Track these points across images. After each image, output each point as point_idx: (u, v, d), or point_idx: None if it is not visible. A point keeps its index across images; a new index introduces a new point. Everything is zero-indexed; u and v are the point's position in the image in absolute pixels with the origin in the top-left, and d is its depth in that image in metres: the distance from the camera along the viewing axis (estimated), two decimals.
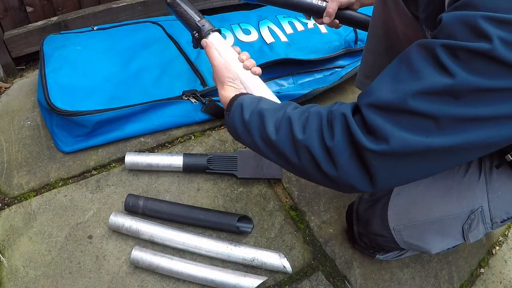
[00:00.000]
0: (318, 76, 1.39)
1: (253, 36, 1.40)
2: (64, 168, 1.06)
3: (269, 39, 1.40)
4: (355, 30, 1.49)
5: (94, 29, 1.33)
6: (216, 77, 0.85)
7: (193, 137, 1.18)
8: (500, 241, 1.15)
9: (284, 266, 0.90)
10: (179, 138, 1.17)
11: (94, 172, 1.07)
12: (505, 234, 1.16)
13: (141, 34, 1.34)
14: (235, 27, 1.41)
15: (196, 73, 1.25)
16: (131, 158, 1.03)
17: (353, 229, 0.93)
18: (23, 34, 1.30)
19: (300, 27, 1.45)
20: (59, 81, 1.10)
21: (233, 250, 0.90)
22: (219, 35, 0.91)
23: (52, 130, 1.10)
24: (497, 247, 1.13)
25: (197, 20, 0.93)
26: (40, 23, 1.33)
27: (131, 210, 0.95)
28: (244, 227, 0.96)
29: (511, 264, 1.10)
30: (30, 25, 1.32)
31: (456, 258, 1.04)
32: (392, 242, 0.84)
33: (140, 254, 0.86)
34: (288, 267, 0.90)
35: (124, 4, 1.42)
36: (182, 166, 1.03)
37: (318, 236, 1.01)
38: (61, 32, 1.31)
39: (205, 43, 0.90)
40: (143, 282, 0.87)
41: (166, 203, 0.98)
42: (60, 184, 1.03)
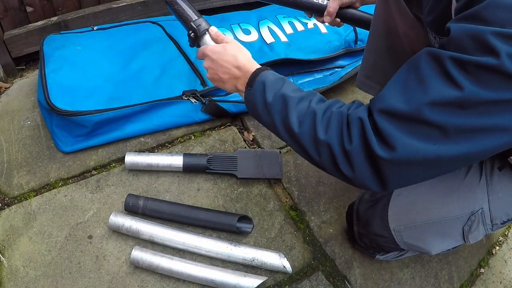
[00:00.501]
0: (318, 76, 1.39)
1: (253, 36, 1.40)
2: (64, 168, 1.06)
3: (269, 39, 1.40)
4: (355, 30, 1.49)
5: (94, 29, 1.33)
6: (221, 58, 0.79)
7: (193, 137, 1.18)
8: (500, 241, 1.15)
9: (284, 266, 0.90)
10: (179, 138, 1.17)
11: (94, 172, 1.07)
12: (505, 234, 1.16)
13: (141, 34, 1.34)
14: (235, 27, 1.41)
15: (196, 73, 1.25)
16: (131, 158, 1.03)
17: (353, 229, 0.93)
18: (23, 34, 1.30)
19: (300, 27, 1.45)
20: (59, 81, 1.10)
21: (233, 250, 0.90)
22: (215, 29, 0.88)
23: (52, 130, 1.10)
24: (497, 247, 1.13)
25: (193, 19, 0.92)
26: (40, 23, 1.33)
27: (131, 210, 0.95)
28: (244, 227, 0.96)
29: (511, 264, 1.10)
30: (30, 25, 1.32)
31: (456, 258, 1.04)
32: (392, 242, 0.84)
33: (140, 254, 0.86)
34: (288, 267, 0.90)
35: (124, 4, 1.42)
36: (182, 166, 1.04)
37: (318, 236, 1.01)
38: (61, 32, 1.31)
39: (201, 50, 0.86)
40: (143, 282, 0.87)
41: (166, 203, 0.98)
42: (60, 184, 1.03)
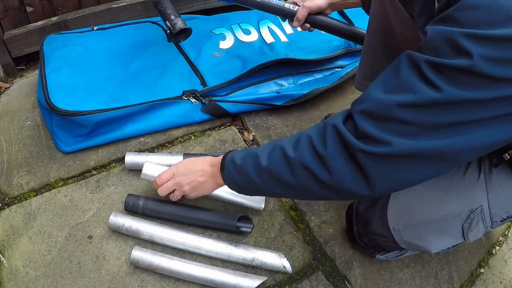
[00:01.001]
0: (318, 76, 1.39)
1: (253, 36, 1.40)
2: (64, 168, 1.06)
3: (269, 39, 1.40)
4: None
5: (94, 29, 1.33)
6: (190, 168, 0.83)
7: (193, 137, 1.18)
8: (500, 241, 1.15)
9: (284, 266, 0.90)
10: (179, 138, 1.17)
11: (94, 172, 1.07)
12: (505, 234, 1.16)
13: (141, 34, 1.34)
14: (235, 27, 1.41)
15: (196, 73, 1.25)
16: (131, 158, 1.03)
17: (353, 229, 0.93)
18: (23, 34, 1.30)
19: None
20: (59, 81, 1.10)
21: (233, 250, 0.90)
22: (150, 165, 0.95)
23: (52, 130, 1.10)
24: (497, 247, 1.13)
25: (171, 18, 1.03)
26: (40, 23, 1.33)
27: (131, 210, 0.95)
28: (244, 227, 0.96)
29: (511, 264, 1.10)
30: (30, 25, 1.32)
31: (456, 258, 1.04)
32: (392, 241, 0.84)
33: (140, 254, 0.86)
34: (288, 267, 0.90)
35: (124, 4, 1.42)
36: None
37: (318, 236, 1.01)
38: (61, 32, 1.31)
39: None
40: (143, 282, 0.87)
41: (166, 203, 0.98)
42: (60, 184, 1.03)
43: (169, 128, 1.18)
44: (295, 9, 1.14)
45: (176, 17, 1.04)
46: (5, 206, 0.98)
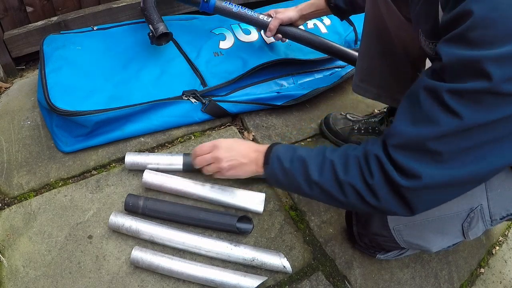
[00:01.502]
0: (318, 76, 1.39)
1: (253, 36, 1.40)
2: (64, 168, 1.06)
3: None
4: (355, 30, 1.49)
5: (94, 29, 1.33)
6: (237, 147, 0.85)
7: (193, 137, 1.18)
8: (500, 241, 1.15)
9: (284, 266, 0.90)
10: (179, 138, 1.17)
11: (94, 172, 1.07)
12: (505, 234, 1.16)
13: (141, 34, 1.34)
14: (235, 27, 1.41)
15: (196, 73, 1.25)
16: (131, 158, 1.03)
17: (353, 229, 0.93)
18: (23, 34, 1.30)
19: (300, 27, 1.45)
20: (59, 81, 1.10)
21: (233, 250, 0.90)
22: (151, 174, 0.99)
23: (52, 130, 1.10)
24: (497, 247, 1.13)
25: (154, 23, 1.14)
26: (40, 23, 1.33)
27: (131, 210, 0.95)
28: (244, 227, 0.96)
29: (511, 264, 1.10)
30: (30, 25, 1.32)
31: (456, 258, 1.04)
32: (392, 241, 0.84)
33: (140, 254, 0.86)
34: (288, 267, 0.90)
35: (124, 4, 1.42)
36: (182, 165, 1.04)
37: (318, 236, 1.01)
38: (61, 32, 1.31)
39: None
40: (143, 282, 0.87)
41: (166, 203, 0.98)
42: (60, 184, 1.03)
43: (169, 128, 1.18)
44: (268, 20, 1.23)
45: (158, 22, 1.14)
46: (5, 206, 0.98)
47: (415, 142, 0.58)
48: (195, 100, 1.18)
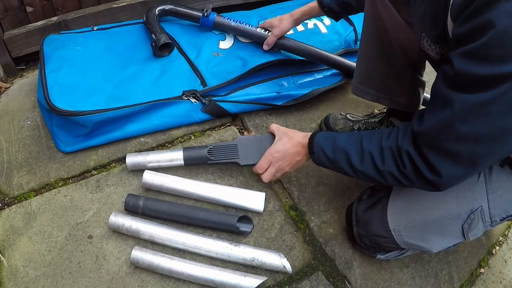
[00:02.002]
0: (318, 76, 1.39)
1: None
2: (64, 168, 1.06)
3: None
4: (355, 30, 1.49)
5: (94, 29, 1.33)
6: (287, 151, 0.93)
7: (193, 137, 1.18)
8: (500, 241, 1.15)
9: (284, 266, 0.90)
10: (179, 138, 1.17)
11: (94, 172, 1.07)
12: (505, 234, 1.16)
13: (141, 34, 1.34)
14: None
15: (196, 73, 1.25)
16: (132, 159, 1.03)
17: (353, 230, 0.93)
18: (23, 34, 1.30)
19: (300, 27, 1.45)
20: (59, 81, 1.10)
21: (233, 250, 0.90)
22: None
23: (52, 130, 1.10)
24: (497, 247, 1.13)
25: (157, 34, 1.23)
26: (40, 23, 1.33)
27: (131, 210, 0.95)
28: (244, 227, 0.96)
29: (511, 264, 1.10)
30: (30, 25, 1.32)
31: (456, 258, 1.04)
32: (392, 242, 0.84)
33: (140, 254, 0.86)
34: (288, 267, 0.90)
35: (124, 4, 1.42)
36: (183, 159, 1.01)
37: (318, 236, 1.01)
38: (61, 32, 1.31)
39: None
40: (143, 282, 0.87)
41: (166, 203, 0.98)
42: (60, 184, 1.03)
43: (169, 128, 1.18)
44: (265, 34, 1.30)
45: (160, 33, 1.23)
46: (5, 206, 0.98)
47: (448, 144, 0.63)
48: (195, 100, 1.18)
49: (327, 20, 1.51)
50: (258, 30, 1.31)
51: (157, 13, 1.32)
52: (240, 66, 1.29)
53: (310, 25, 1.49)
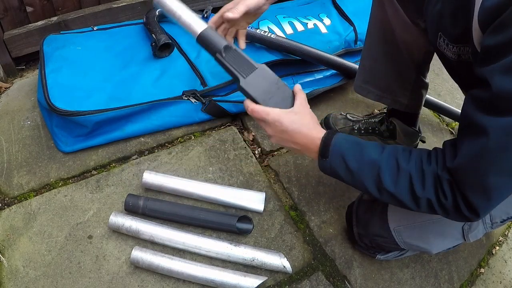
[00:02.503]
0: (318, 76, 1.39)
1: None
2: (64, 168, 1.06)
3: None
4: (355, 30, 1.48)
5: (94, 29, 1.33)
6: (280, 139, 0.77)
7: (193, 137, 1.18)
8: (500, 241, 1.15)
9: (284, 266, 0.90)
10: (179, 138, 1.17)
11: (94, 172, 1.07)
12: (505, 234, 1.16)
13: (141, 34, 1.34)
14: None
15: (196, 73, 1.24)
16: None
17: (353, 230, 0.93)
18: (23, 34, 1.30)
19: (300, 27, 1.45)
20: (59, 81, 1.10)
21: (233, 250, 0.90)
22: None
23: (52, 130, 1.10)
24: (497, 247, 1.13)
25: (157, 34, 1.23)
26: (40, 23, 1.33)
27: (131, 210, 0.95)
28: (244, 227, 0.96)
29: (511, 264, 1.10)
30: (30, 25, 1.32)
31: (456, 258, 1.04)
32: (392, 243, 0.84)
33: (140, 254, 0.86)
34: (288, 267, 0.90)
35: (124, 4, 1.42)
36: (198, 33, 0.81)
37: (318, 236, 1.01)
38: (61, 32, 1.31)
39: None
40: (143, 282, 0.87)
41: (166, 203, 0.98)
42: (60, 184, 1.03)
43: (169, 128, 1.18)
44: (266, 34, 1.27)
45: (160, 34, 1.23)
46: (5, 206, 0.98)
47: (479, 166, 0.57)
48: (195, 100, 1.18)
49: (327, 20, 1.51)
50: (258, 31, 1.30)
51: (157, 14, 1.33)
52: None
53: (310, 25, 1.48)
